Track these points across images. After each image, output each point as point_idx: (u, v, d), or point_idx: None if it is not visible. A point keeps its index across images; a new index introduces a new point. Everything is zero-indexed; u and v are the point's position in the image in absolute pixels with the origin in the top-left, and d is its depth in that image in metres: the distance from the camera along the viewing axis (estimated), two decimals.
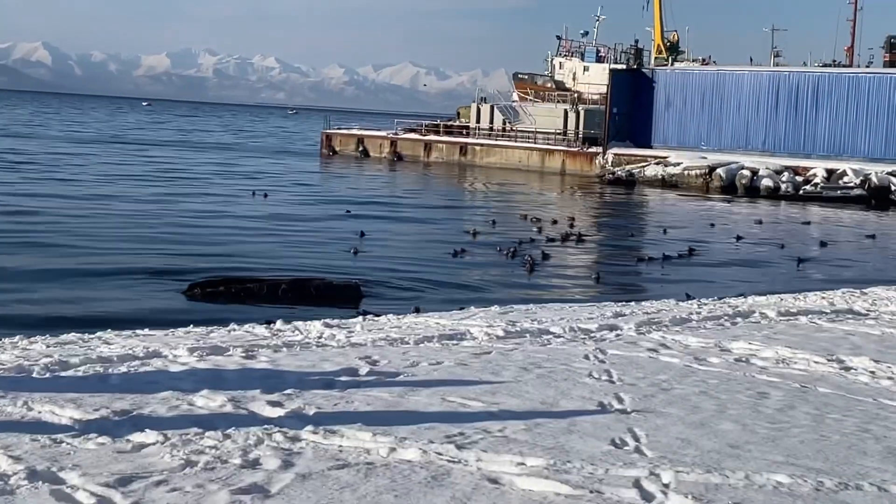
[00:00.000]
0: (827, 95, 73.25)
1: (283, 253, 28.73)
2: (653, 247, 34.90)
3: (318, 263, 26.77)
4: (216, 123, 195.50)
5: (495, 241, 33.14)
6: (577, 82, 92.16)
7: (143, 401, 8.66)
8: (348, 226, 36.53)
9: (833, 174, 65.17)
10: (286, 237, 32.55)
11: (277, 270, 24.73)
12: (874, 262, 34.85)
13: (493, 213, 44.59)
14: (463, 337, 12.77)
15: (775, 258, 33.54)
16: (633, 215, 51.39)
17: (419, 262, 28.25)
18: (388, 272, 25.91)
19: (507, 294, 23.31)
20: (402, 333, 12.91)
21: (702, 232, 41.00)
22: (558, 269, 28.47)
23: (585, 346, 12.10)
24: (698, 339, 12.92)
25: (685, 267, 30.14)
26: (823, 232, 44.54)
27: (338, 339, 12.44)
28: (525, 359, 11.11)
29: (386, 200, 50.22)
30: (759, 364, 11.36)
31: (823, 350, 12.30)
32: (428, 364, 10.60)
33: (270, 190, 50.01)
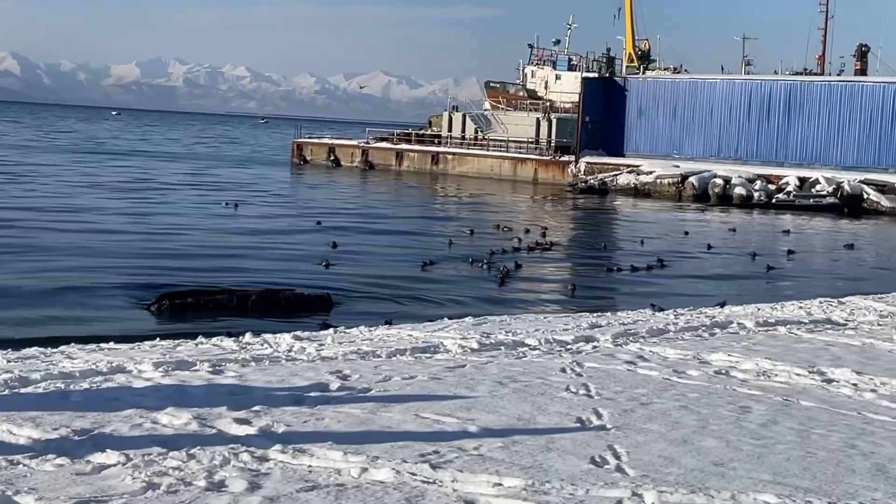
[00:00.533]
0: (799, 104, 73.44)
1: (254, 264, 28.36)
2: (625, 257, 34.69)
3: (290, 275, 26.44)
4: (186, 133, 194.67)
5: (469, 252, 32.90)
6: (549, 91, 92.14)
7: (104, 419, 8.36)
8: (320, 237, 36.20)
9: (805, 182, 65.32)
10: (257, 248, 32.18)
11: (248, 282, 24.40)
12: (851, 271, 34.77)
13: (466, 223, 44.36)
14: (436, 350, 12.51)
15: (748, 267, 33.38)
16: (605, 225, 51.28)
17: (392, 273, 27.96)
18: (360, 283, 25.59)
19: (481, 305, 23.06)
20: (374, 346, 12.64)
21: (676, 241, 40.87)
22: (531, 280, 28.24)
23: (562, 359, 11.86)
24: (676, 350, 12.70)
25: (656, 277, 29.91)
26: (800, 241, 44.48)
27: (308, 352, 12.16)
28: (500, 372, 10.86)
29: (358, 211, 49.91)
30: (739, 377, 11.15)
31: (804, 362, 12.10)
32: (401, 378, 10.33)
33: (241, 200, 49.64)
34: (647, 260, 32.95)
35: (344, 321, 19.04)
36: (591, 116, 79.28)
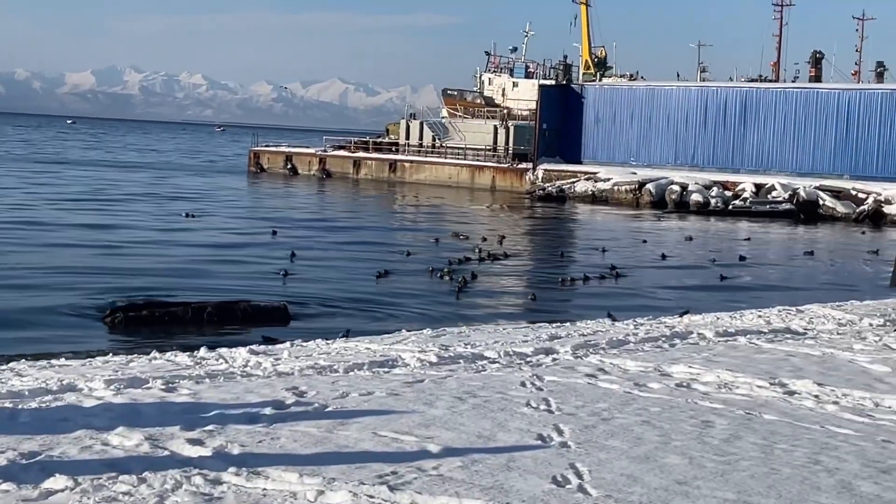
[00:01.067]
0: (755, 110, 73.80)
1: (211, 275, 28.07)
2: (583, 266, 34.61)
3: (248, 286, 26.17)
4: (143, 141, 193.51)
5: (427, 262, 32.74)
6: (506, 98, 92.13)
7: (53, 441, 8.13)
8: (278, 247, 35.92)
9: (762, 189, 65.56)
10: (214, 260, 31.85)
11: (204, 293, 24.11)
12: (809, 278, 34.85)
13: (424, 233, 44.22)
14: (394, 364, 12.35)
15: (705, 275, 33.35)
16: (563, 233, 51.25)
17: (350, 283, 27.73)
18: (317, 294, 25.37)
19: (439, 315, 22.89)
20: (332, 360, 12.46)
21: (633, 249, 40.85)
22: (489, 290, 28.06)
23: (522, 373, 11.72)
24: (637, 362, 12.59)
25: (613, 287, 29.83)
26: (759, 248, 44.61)
27: (264, 367, 11.96)
28: (459, 387, 10.70)
29: (315, 220, 49.63)
30: (700, 389, 11.04)
31: (765, 373, 12.01)
32: (358, 395, 10.16)
33: (197, 210, 49.25)
34: (602, 269, 32.84)
35: (301, 333, 18.81)
36: (549, 124, 79.32)
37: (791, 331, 16.19)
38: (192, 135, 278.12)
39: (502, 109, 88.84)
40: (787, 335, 15.68)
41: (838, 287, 31.43)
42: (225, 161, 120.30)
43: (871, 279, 34.55)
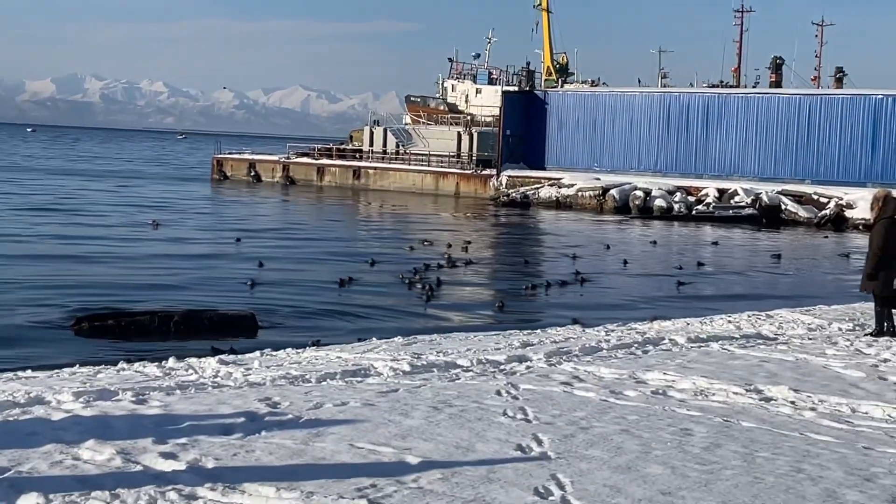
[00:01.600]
0: (717, 116, 74.06)
1: (177, 285, 27.81)
2: (547, 272, 34.55)
3: (214, 295, 25.94)
4: (105, 149, 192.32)
5: (394, 268, 32.60)
6: (469, 105, 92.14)
7: (22, 456, 7.92)
8: (244, 255, 35.67)
9: (724, 194, 65.77)
10: (180, 268, 31.58)
11: (170, 302, 23.87)
12: (774, 282, 34.91)
13: (389, 240, 44.10)
14: (367, 373, 12.20)
15: (670, 280, 33.31)
16: (527, 239, 51.17)
17: (317, 291, 27.53)
18: (285, 302, 25.17)
19: (408, 323, 22.77)
20: (303, 370, 12.29)
21: (597, 255, 40.82)
22: (455, 297, 27.94)
23: (496, 381, 11.58)
24: (611, 370, 12.48)
25: (577, 292, 29.74)
26: (726, 253, 44.71)
27: (235, 377, 11.78)
28: (434, 396, 10.54)
29: (280, 227, 49.40)
30: (677, 396, 10.94)
31: (740, 379, 11.93)
32: (332, 405, 9.98)
33: (162, 218, 48.86)
34: (566, 275, 32.75)
35: (270, 342, 18.63)
36: (512, 130, 79.34)
37: (762, 336, 16.14)
38: (155, 142, 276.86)
39: (466, 116, 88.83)
40: (759, 340, 15.62)
41: (805, 292, 31.48)
42: (188, 168, 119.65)
43: (837, 283, 34.66)
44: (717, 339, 15.53)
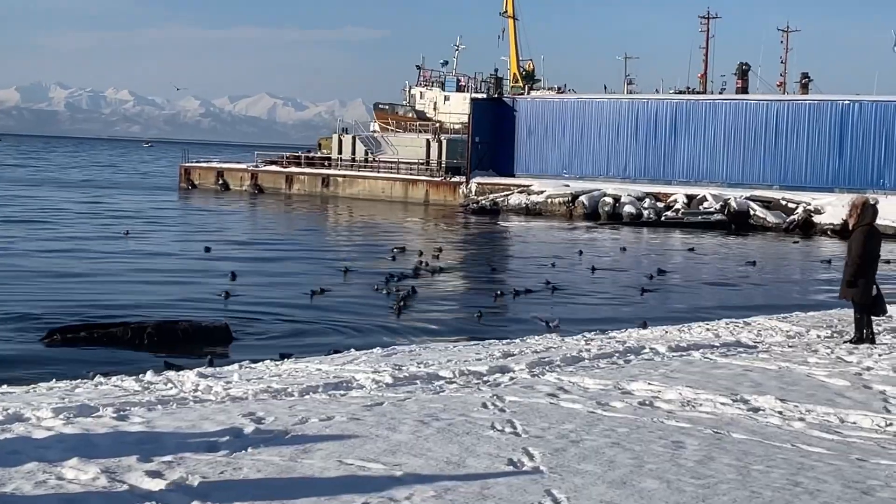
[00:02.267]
0: (685, 122, 74.27)
1: (149, 296, 27.56)
2: (517, 279, 34.50)
3: (187, 305, 25.75)
4: (72, 159, 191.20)
5: (366, 277, 32.50)
6: (438, 112, 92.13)
7: (5, 476, 7.72)
8: (215, 265, 35.45)
9: (693, 200, 65.93)
10: (152, 280, 31.31)
11: (144, 313, 23.66)
12: (747, 288, 34.96)
13: (360, 248, 44.00)
14: (350, 385, 12.05)
15: (638, 288, 33.28)
16: (498, 246, 51.15)
17: (291, 301, 27.36)
18: (258, 313, 25.00)
19: (384, 333, 22.68)
20: (285, 383, 12.13)
21: (568, 261, 40.79)
22: (429, 305, 27.81)
23: (481, 393, 11.45)
24: (595, 380, 12.37)
25: (549, 299, 29.66)
26: (698, 259, 44.79)
27: (215, 391, 11.60)
28: (420, 410, 10.40)
29: (250, 237, 49.19)
30: (664, 408, 10.84)
31: (726, 389, 11.84)
32: (318, 420, 9.82)
33: (133, 229, 48.43)
34: (535, 282, 32.69)
35: (245, 353, 18.47)
36: (481, 137, 79.32)
37: (742, 344, 16.09)
38: (121, 151, 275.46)
39: (434, 123, 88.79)
40: (740, 349, 15.57)
41: (778, 297, 31.55)
42: (155, 177, 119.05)
43: (811, 289, 34.77)
44: (697, 348, 15.46)
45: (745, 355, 14.84)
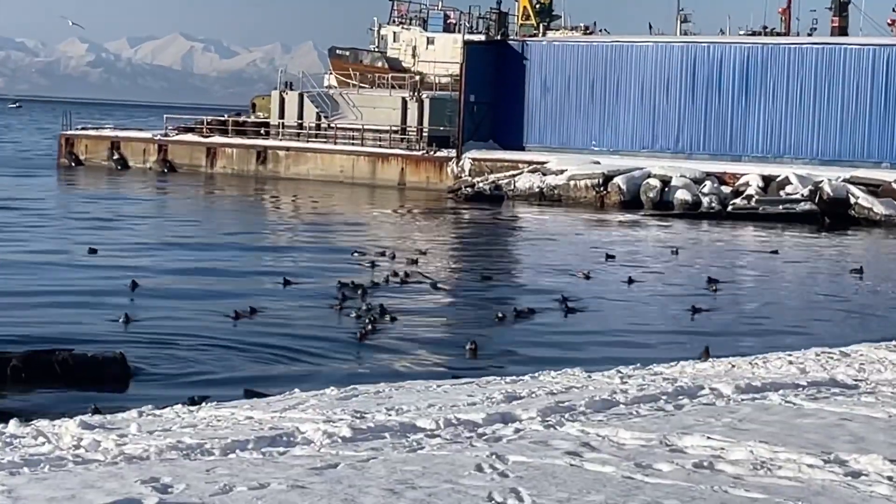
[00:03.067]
0: (760, 76, 74.32)
1: (18, 316, 27.53)
2: (521, 294, 34.57)
3: (69, 328, 25.78)
4: None
5: (315, 290, 32.55)
6: (418, 60, 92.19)
7: None
8: (108, 274, 35.44)
9: (772, 183, 65.96)
10: (21, 293, 31.27)
11: (7, 340, 23.67)
12: (846, 306, 35.04)
13: (309, 251, 44.07)
14: (292, 440, 12.08)
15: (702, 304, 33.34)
16: (497, 247, 51.13)
17: (212, 323, 27.35)
18: (166, 339, 25.01)
19: (340, 367, 22.70)
20: (202, 437, 12.14)
21: (595, 269, 40.88)
22: (404, 329, 27.78)
23: (475, 451, 11.46)
24: (634, 432, 12.40)
25: (565, 322, 29.74)
26: (781, 265, 44.89)
27: (105, 448, 11.61)
28: (390, 475, 10.41)
29: (155, 234, 49.18)
30: (728, 471, 10.86)
31: (815, 445, 11.87)
32: (248, 489, 9.81)
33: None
34: (546, 298, 32.73)
35: (147, 395, 18.48)
36: (478, 95, 79.33)
37: (838, 383, 16.15)
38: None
39: (413, 76, 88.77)
40: (835, 389, 15.62)
41: (887, 318, 31.67)
42: (24, 150, 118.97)
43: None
44: (776, 388, 15.51)
45: (841, 398, 14.88)
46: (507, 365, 23.62)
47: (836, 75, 72.37)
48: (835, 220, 62.37)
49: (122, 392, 20.07)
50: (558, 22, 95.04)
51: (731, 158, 72.77)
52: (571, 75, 79.98)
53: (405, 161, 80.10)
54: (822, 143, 72.30)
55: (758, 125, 74.18)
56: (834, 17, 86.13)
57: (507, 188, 72.27)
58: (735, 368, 17.77)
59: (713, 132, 75.47)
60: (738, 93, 74.87)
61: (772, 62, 74.28)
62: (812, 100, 72.82)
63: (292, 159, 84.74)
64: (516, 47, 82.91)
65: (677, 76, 76.82)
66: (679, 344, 26.38)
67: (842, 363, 18.26)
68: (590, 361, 22.40)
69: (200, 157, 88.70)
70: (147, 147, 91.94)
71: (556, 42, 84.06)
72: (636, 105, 77.86)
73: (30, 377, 20.49)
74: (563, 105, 79.99)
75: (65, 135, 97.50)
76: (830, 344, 21.48)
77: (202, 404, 15.53)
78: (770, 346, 23.93)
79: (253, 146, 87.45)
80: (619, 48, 79.72)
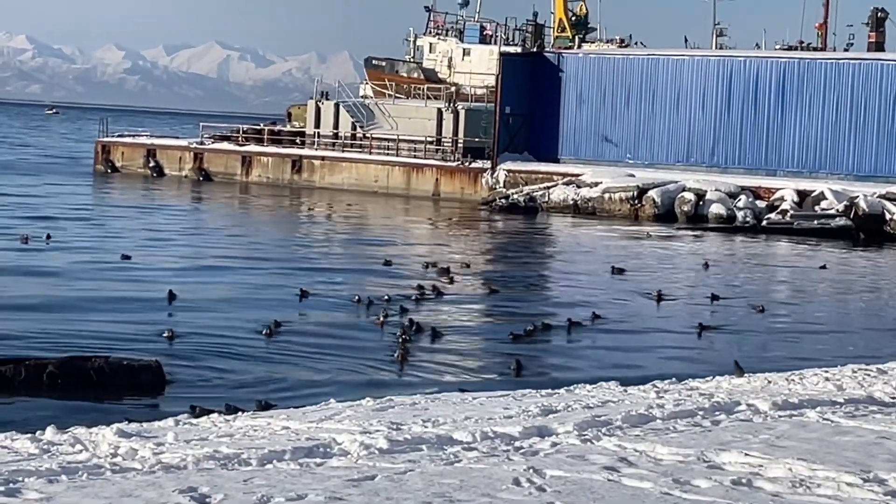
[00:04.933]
0: (797, 90, 74.07)
1: (55, 324, 27.58)
2: (553, 307, 34.54)
3: (105, 336, 25.86)
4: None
5: (350, 302, 32.57)
6: (454, 71, 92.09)
7: None
8: (143, 281, 35.56)
9: (807, 198, 65.78)
10: (56, 299, 31.35)
11: (46, 347, 23.77)
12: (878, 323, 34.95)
13: (343, 257, 44.11)
14: (328, 451, 12.09)
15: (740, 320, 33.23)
16: (530, 259, 51.05)
17: (245, 333, 27.34)
18: (201, 347, 25.04)
19: (376, 379, 22.63)
20: (238, 447, 12.15)
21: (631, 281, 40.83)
22: (446, 345, 27.65)
23: (512, 464, 11.46)
24: (671, 448, 12.38)
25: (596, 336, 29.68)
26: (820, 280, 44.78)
27: (142, 456, 11.63)
28: (427, 487, 10.41)
29: (190, 242, 49.23)
30: (767, 488, 10.85)
31: (853, 464, 11.82)
32: (285, 500, 9.86)
33: (30, 229, 48.23)
34: (579, 312, 32.68)
35: (184, 403, 18.51)
36: (514, 107, 79.31)
37: (876, 400, 16.10)
38: (14, 119, 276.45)
39: (449, 87, 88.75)
40: (873, 406, 15.58)
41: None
42: (61, 157, 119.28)
43: None
44: (813, 405, 15.46)
45: (879, 416, 14.83)
46: (542, 373, 23.67)
47: (872, 90, 72.16)
48: (870, 235, 62.22)
49: (158, 400, 20.08)
50: (594, 34, 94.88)
51: (766, 173, 72.60)
52: (607, 88, 79.91)
53: (440, 172, 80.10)
54: (858, 159, 72.07)
55: (793, 140, 74.00)
56: (871, 33, 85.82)
57: (542, 200, 72.22)
58: (771, 384, 17.71)
59: (748, 146, 75.27)
60: (773, 107, 74.68)
61: (808, 77, 74.07)
62: (848, 115, 72.59)
63: (327, 169, 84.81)
64: (552, 59, 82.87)
65: (713, 90, 76.69)
66: (709, 361, 26.28)
67: (879, 380, 18.19)
68: (625, 377, 22.40)
69: (236, 166, 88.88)
70: (183, 155, 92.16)
71: (592, 55, 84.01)
72: (671, 118, 77.75)
73: (66, 383, 20.54)
74: (598, 117, 79.88)
75: (101, 141, 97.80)
76: (867, 360, 21.38)
77: (239, 413, 15.57)
78: (805, 362, 23.88)
79: (288, 155, 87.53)
80: (655, 61, 79.65)
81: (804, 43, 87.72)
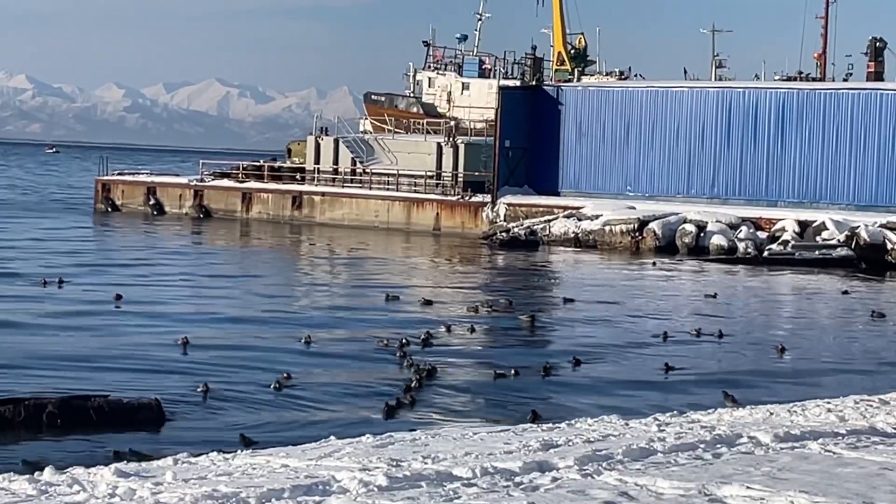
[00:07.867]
0: (796, 120, 74.05)
1: (53, 367, 27.56)
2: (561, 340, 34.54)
3: (107, 378, 25.84)
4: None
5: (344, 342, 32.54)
6: (453, 105, 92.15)
7: None
8: (139, 321, 35.55)
9: (808, 228, 65.79)
10: (57, 341, 31.35)
11: (45, 388, 23.73)
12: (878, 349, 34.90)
13: (344, 296, 44.06)
14: (328, 489, 12.07)
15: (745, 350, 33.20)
16: (540, 294, 51.05)
17: (245, 372, 27.30)
18: (200, 386, 24.97)
19: (375, 416, 22.55)
20: (237, 485, 12.12)
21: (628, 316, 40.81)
22: (455, 387, 27.49)
23: (512, 500, 11.48)
24: (672, 482, 12.35)
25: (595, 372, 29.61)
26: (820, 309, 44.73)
27: (140, 496, 11.62)
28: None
29: (193, 281, 49.12)
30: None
31: (855, 495, 11.80)
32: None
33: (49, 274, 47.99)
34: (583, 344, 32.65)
35: (182, 442, 18.47)
36: (513, 141, 79.30)
37: (878, 431, 16.07)
38: (14, 158, 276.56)
39: (448, 121, 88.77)
40: (875, 437, 15.54)
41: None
42: (60, 195, 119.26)
43: None
44: (815, 437, 15.42)
45: (881, 447, 14.79)
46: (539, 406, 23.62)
47: (871, 120, 72.17)
48: (871, 265, 62.20)
49: (157, 438, 20.04)
50: (593, 67, 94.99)
51: (766, 203, 72.58)
52: (606, 120, 79.93)
53: (440, 206, 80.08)
54: (859, 189, 72.05)
55: (793, 170, 73.96)
56: (870, 63, 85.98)
57: (542, 233, 72.15)
58: (773, 416, 17.68)
59: (749, 177, 75.23)
60: (773, 138, 74.66)
61: (807, 107, 74.09)
62: (848, 145, 72.57)
63: (328, 204, 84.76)
64: (551, 92, 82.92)
65: (712, 121, 76.71)
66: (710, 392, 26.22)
67: (881, 411, 18.16)
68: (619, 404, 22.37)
69: (236, 203, 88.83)
70: (183, 192, 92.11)
71: (592, 87, 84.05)
72: (671, 150, 77.71)
73: (66, 422, 20.53)
74: (597, 150, 79.82)
75: (101, 179, 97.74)
76: (868, 391, 21.35)
77: (238, 451, 15.54)
78: (806, 393, 23.82)
79: (288, 191, 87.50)
80: (655, 93, 79.68)
81: (803, 73, 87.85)
